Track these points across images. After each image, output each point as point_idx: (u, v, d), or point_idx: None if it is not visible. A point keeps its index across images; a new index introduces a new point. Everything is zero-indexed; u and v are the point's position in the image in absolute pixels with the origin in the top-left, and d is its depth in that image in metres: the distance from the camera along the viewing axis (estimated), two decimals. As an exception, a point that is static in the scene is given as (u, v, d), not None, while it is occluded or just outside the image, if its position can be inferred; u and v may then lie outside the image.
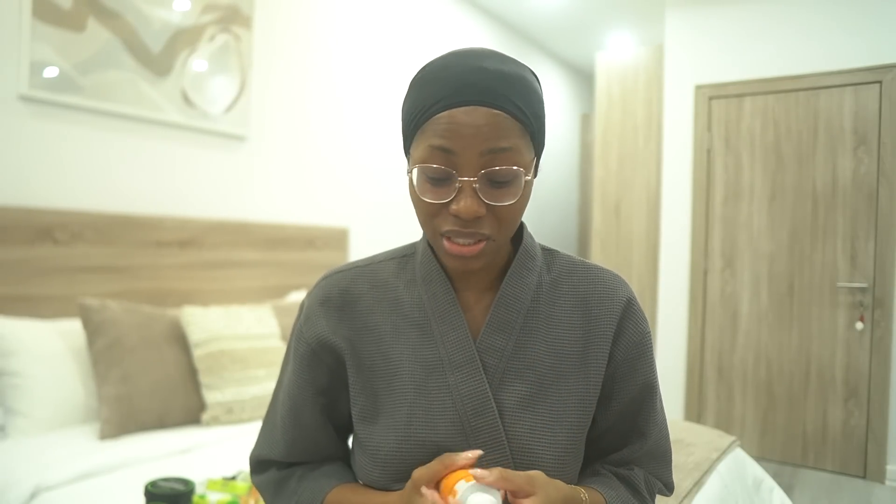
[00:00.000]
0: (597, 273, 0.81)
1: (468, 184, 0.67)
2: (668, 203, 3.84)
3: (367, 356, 0.79)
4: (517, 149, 0.68)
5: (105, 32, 2.23)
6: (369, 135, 3.50)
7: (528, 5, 4.44)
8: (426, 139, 0.69)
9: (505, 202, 0.68)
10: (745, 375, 3.59)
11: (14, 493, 1.49)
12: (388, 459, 0.74)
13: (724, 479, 1.73)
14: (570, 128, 5.93)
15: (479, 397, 0.73)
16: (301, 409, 0.82)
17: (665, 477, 0.85)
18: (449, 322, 0.76)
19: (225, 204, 2.72)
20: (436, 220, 0.71)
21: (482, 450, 0.72)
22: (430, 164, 0.68)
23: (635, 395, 0.80)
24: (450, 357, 0.75)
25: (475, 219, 0.68)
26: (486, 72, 0.68)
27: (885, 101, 3.21)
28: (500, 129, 0.67)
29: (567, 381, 0.76)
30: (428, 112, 0.69)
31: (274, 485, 0.85)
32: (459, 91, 0.67)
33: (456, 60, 0.69)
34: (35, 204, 2.09)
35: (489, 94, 0.67)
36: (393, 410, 0.76)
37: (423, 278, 0.79)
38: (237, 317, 2.22)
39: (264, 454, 0.86)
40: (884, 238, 3.21)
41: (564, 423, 0.74)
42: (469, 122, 0.66)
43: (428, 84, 0.70)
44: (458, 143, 0.66)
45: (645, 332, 0.80)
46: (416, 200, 0.71)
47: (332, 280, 0.83)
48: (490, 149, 0.67)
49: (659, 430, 0.83)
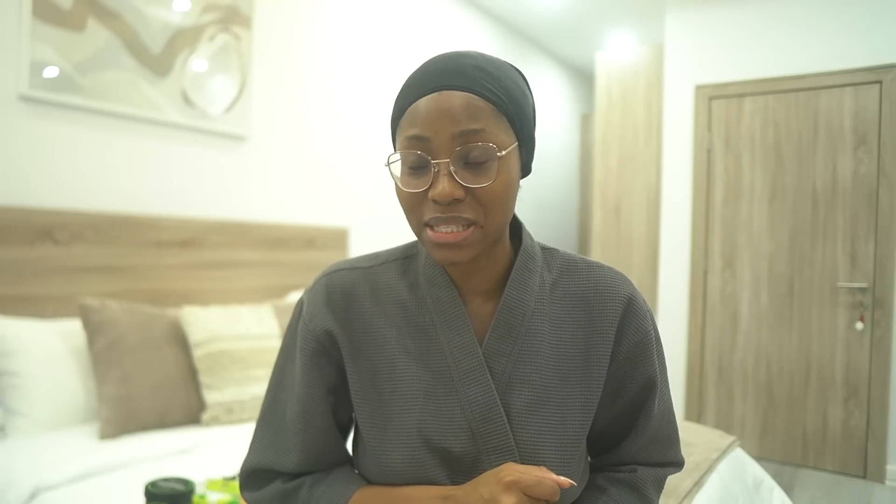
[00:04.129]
0: (598, 271, 0.80)
1: (443, 166, 0.67)
2: (668, 203, 3.84)
3: (371, 359, 0.78)
4: (490, 130, 0.68)
5: (105, 32, 2.23)
6: (369, 135, 3.50)
7: (528, 5, 4.44)
8: (403, 132, 0.70)
9: (482, 184, 0.68)
10: (745, 375, 3.59)
11: (14, 493, 1.49)
12: (403, 466, 0.74)
13: (725, 479, 1.73)
14: (570, 128, 5.93)
15: (488, 403, 0.73)
16: (312, 410, 0.79)
17: (672, 456, 0.85)
18: (455, 327, 0.75)
19: (225, 204, 2.72)
20: (418, 211, 0.71)
21: (493, 455, 0.72)
22: (405, 151, 0.69)
23: (638, 391, 0.80)
24: (457, 363, 0.74)
25: (453, 202, 0.68)
26: (461, 63, 0.70)
27: (885, 101, 3.21)
28: (471, 109, 0.67)
29: (571, 382, 0.76)
30: (404, 106, 0.71)
31: (279, 500, 0.79)
32: (431, 80, 0.69)
33: (438, 58, 0.72)
34: (35, 204, 2.09)
35: (460, 77, 0.68)
36: (401, 416, 0.75)
37: (427, 281, 0.78)
38: (237, 317, 2.22)
39: (267, 463, 0.81)
40: (884, 238, 3.21)
41: (570, 425, 0.74)
42: (439, 106, 0.67)
43: (407, 84, 0.72)
44: (430, 129, 0.67)
45: (647, 329, 0.79)
46: (400, 194, 0.72)
47: (334, 278, 0.81)
48: (462, 131, 0.67)
49: (660, 417, 0.82)
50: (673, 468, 0.86)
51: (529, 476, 0.66)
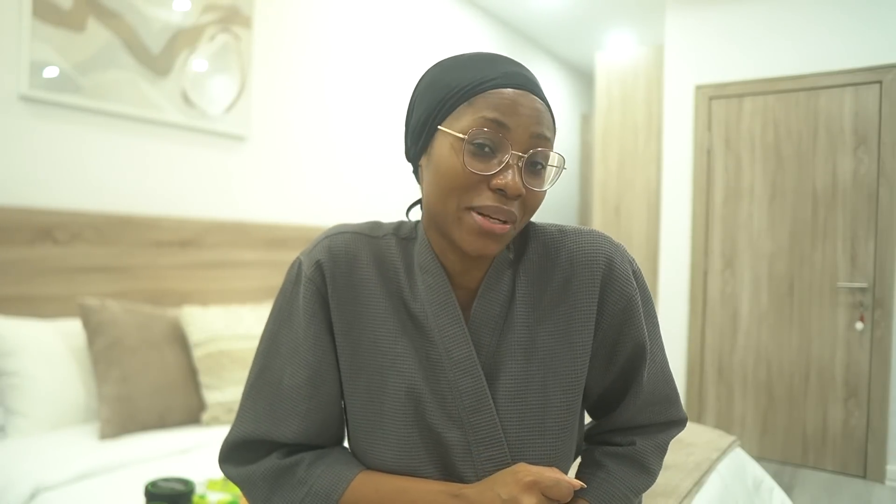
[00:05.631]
0: (574, 239, 0.79)
1: (517, 159, 0.68)
2: (668, 203, 3.84)
3: (366, 330, 0.76)
4: (552, 143, 0.72)
5: (105, 32, 2.23)
6: (369, 134, 3.50)
7: (528, 5, 4.44)
8: (477, 111, 0.68)
9: (538, 187, 0.71)
10: (745, 375, 3.59)
11: (14, 493, 1.49)
12: (392, 449, 0.74)
13: (725, 479, 1.73)
14: (570, 128, 5.93)
15: (478, 394, 0.73)
16: (323, 376, 0.74)
17: (672, 415, 0.84)
18: (447, 317, 0.75)
19: (225, 204, 2.72)
20: (468, 194, 0.68)
21: (481, 446, 0.72)
22: (486, 131, 0.68)
23: (629, 357, 0.79)
24: (448, 353, 0.74)
25: (517, 196, 0.68)
26: (525, 69, 0.73)
27: (885, 101, 3.21)
28: (546, 119, 0.71)
29: (554, 362, 0.75)
30: (480, 87, 0.69)
31: (272, 476, 0.74)
32: (512, 75, 0.70)
33: (504, 58, 0.74)
34: (35, 204, 2.09)
35: (536, 87, 0.72)
36: (392, 399, 0.74)
37: (421, 267, 0.77)
38: (237, 317, 2.22)
39: (261, 433, 0.74)
40: (884, 238, 3.21)
41: (554, 408, 0.75)
42: (525, 104, 0.69)
43: (469, 66, 0.71)
44: (514, 120, 0.68)
45: (630, 294, 0.77)
46: (452, 171, 0.68)
47: (337, 240, 0.78)
48: (538, 133, 0.69)
49: (654, 379, 0.81)
50: (675, 427, 0.85)
51: (548, 477, 0.67)
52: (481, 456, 0.72)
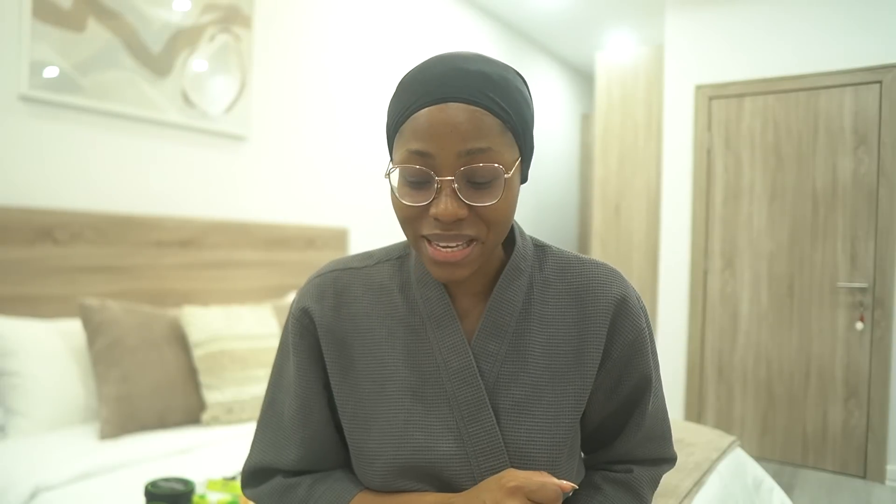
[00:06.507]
0: (591, 268, 0.79)
1: (447, 184, 0.65)
2: (668, 203, 3.84)
3: (359, 359, 0.77)
4: (497, 148, 0.65)
5: (105, 32, 2.23)
6: (369, 135, 3.50)
7: (528, 5, 4.44)
8: (404, 143, 0.67)
9: (486, 202, 0.66)
10: (745, 375, 3.59)
11: (14, 493, 1.49)
12: (388, 466, 0.73)
13: (724, 479, 1.73)
14: (570, 128, 5.93)
15: (477, 404, 0.72)
16: (311, 405, 0.78)
17: (665, 453, 0.85)
18: (444, 327, 0.75)
19: (225, 204, 2.72)
20: (416, 224, 0.68)
21: (481, 458, 0.72)
22: (407, 165, 0.66)
23: (633, 389, 0.80)
24: (446, 363, 0.74)
25: (456, 221, 0.66)
26: (465, 70, 0.66)
27: (885, 101, 3.21)
28: (478, 126, 0.64)
29: (562, 380, 0.75)
30: (405, 114, 0.67)
31: (279, 493, 0.79)
32: (436, 89, 0.65)
33: (437, 62, 0.68)
34: (35, 204, 2.09)
35: (466, 90, 0.65)
36: (388, 416, 0.74)
37: (418, 281, 0.77)
38: (237, 317, 2.22)
39: (267, 462, 0.80)
40: (884, 238, 3.21)
41: (560, 423, 0.74)
42: (445, 120, 0.64)
43: (407, 87, 0.68)
44: (435, 145, 0.64)
45: (640, 328, 0.78)
46: (396, 204, 0.69)
47: (327, 278, 0.81)
48: (468, 149, 0.64)
49: (654, 414, 0.82)
50: (667, 465, 0.86)
51: (532, 481, 0.66)
52: (481, 467, 0.72)
